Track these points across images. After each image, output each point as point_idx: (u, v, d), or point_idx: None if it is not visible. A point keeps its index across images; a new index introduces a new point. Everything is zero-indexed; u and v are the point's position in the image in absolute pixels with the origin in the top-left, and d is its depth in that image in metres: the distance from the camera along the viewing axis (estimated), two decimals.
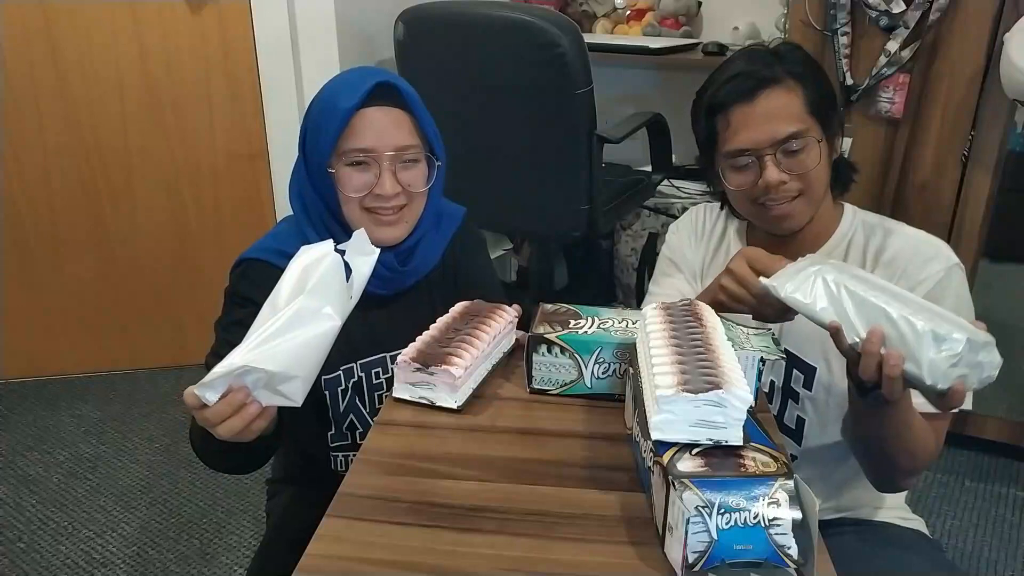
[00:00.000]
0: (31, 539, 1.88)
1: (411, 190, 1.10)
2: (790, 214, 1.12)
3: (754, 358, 0.89)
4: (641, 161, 2.48)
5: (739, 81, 1.08)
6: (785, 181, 1.08)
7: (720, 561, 0.66)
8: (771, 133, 1.07)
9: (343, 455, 1.20)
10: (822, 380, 1.15)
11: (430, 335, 0.99)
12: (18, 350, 2.50)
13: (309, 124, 1.10)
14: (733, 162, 1.11)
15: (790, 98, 1.08)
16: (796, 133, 1.07)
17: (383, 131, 1.07)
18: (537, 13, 1.96)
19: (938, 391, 0.83)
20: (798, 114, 1.08)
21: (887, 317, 0.85)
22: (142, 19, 2.25)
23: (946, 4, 1.76)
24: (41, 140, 2.31)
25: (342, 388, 1.15)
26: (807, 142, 1.08)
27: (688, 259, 1.30)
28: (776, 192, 1.09)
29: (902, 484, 1.12)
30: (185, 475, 2.10)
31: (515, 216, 2.18)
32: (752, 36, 2.58)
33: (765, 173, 1.08)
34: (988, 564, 1.83)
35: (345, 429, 1.18)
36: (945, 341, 0.81)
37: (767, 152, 1.08)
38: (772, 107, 1.07)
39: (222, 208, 2.48)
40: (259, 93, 2.36)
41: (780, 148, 1.07)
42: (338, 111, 1.05)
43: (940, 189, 1.92)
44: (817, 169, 1.09)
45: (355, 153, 1.06)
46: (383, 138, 1.07)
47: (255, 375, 0.81)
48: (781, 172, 1.08)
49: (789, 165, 1.08)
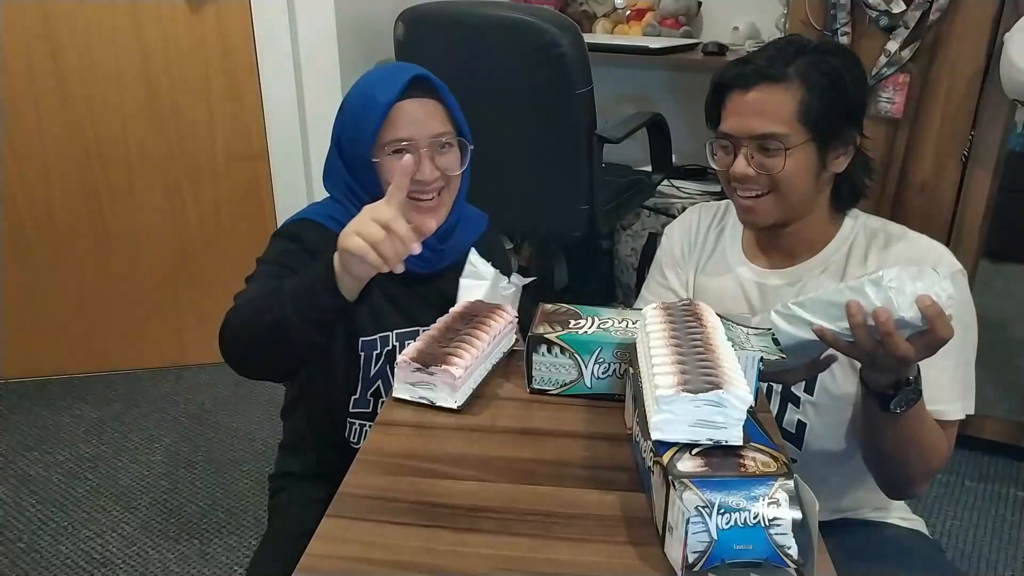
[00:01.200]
0: (31, 539, 1.88)
1: (448, 173, 1.17)
2: (753, 208, 1.14)
3: (754, 358, 0.89)
4: (641, 161, 2.48)
5: (744, 68, 1.11)
6: (751, 176, 1.11)
7: (720, 561, 0.66)
8: (750, 126, 1.09)
9: (359, 423, 1.23)
10: (825, 384, 1.15)
11: (430, 335, 0.99)
12: (18, 350, 2.50)
13: (347, 120, 1.17)
14: (719, 142, 1.15)
15: (784, 99, 1.08)
16: (772, 135, 1.08)
17: (420, 121, 1.14)
18: (537, 13, 1.96)
19: (911, 323, 0.86)
20: (785, 117, 1.08)
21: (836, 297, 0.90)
22: (142, 19, 2.25)
23: (946, 4, 1.76)
24: (41, 140, 2.31)
25: (376, 352, 1.20)
26: (779, 146, 1.08)
27: (681, 264, 1.30)
28: (741, 184, 1.12)
29: (915, 490, 1.12)
30: (185, 475, 2.10)
31: (515, 216, 2.17)
32: (752, 36, 2.58)
33: (735, 163, 1.12)
34: (988, 564, 1.83)
35: (370, 395, 1.22)
36: (882, 279, 0.87)
37: (742, 143, 1.10)
38: (762, 102, 1.09)
39: (222, 208, 2.48)
40: (259, 93, 2.36)
41: (755, 144, 1.09)
42: (377, 105, 1.11)
43: (940, 189, 1.92)
44: (787, 175, 1.09)
45: (396, 143, 1.13)
46: (421, 128, 1.14)
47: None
48: (748, 167, 1.10)
49: (760, 162, 1.10)
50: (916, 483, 1.09)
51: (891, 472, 1.08)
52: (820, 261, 1.18)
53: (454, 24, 2.05)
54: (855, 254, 1.16)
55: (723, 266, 1.26)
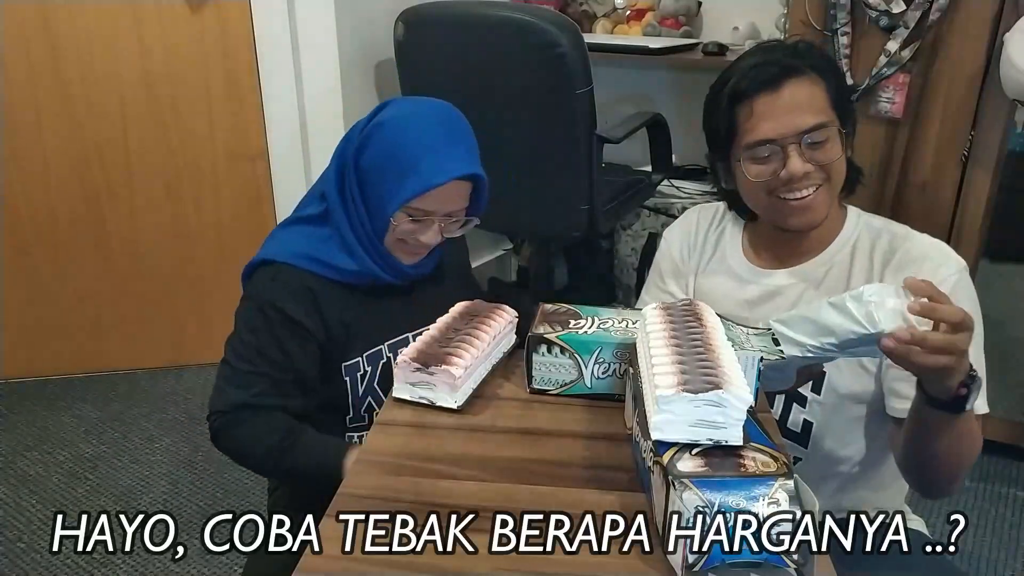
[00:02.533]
0: (31, 539, 1.88)
1: (449, 237, 1.20)
2: (811, 205, 1.10)
3: (754, 358, 0.89)
4: (641, 161, 2.48)
5: (764, 69, 1.08)
6: (809, 172, 1.08)
7: (720, 561, 0.66)
8: (796, 123, 1.06)
9: (359, 435, 1.23)
10: (832, 383, 1.14)
11: (430, 335, 0.99)
12: (18, 350, 2.50)
13: (372, 157, 1.14)
14: (754, 152, 1.10)
15: (814, 89, 1.07)
16: (821, 124, 1.07)
17: (448, 200, 1.15)
18: (537, 13, 1.96)
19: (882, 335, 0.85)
20: (822, 106, 1.07)
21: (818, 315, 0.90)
22: (142, 19, 2.25)
23: (946, 4, 1.76)
24: (41, 140, 2.31)
25: (361, 373, 1.20)
26: (830, 133, 1.07)
27: (680, 269, 1.30)
28: (798, 183, 1.08)
29: (956, 487, 1.10)
30: (185, 475, 2.10)
31: (515, 216, 2.17)
32: (752, 36, 2.58)
33: (789, 163, 1.07)
34: (988, 564, 1.83)
35: (363, 412, 1.22)
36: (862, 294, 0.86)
37: (792, 142, 1.07)
38: (798, 97, 1.07)
39: (222, 208, 2.48)
40: (259, 93, 2.36)
41: (804, 139, 1.07)
42: (421, 179, 1.10)
43: (940, 189, 1.91)
44: (839, 161, 1.09)
45: (419, 212, 1.14)
46: (444, 205, 1.15)
47: None
48: (805, 163, 1.07)
49: (812, 156, 1.07)
50: (959, 479, 1.07)
51: (938, 471, 1.05)
52: (824, 260, 1.17)
53: (454, 24, 2.05)
54: (860, 254, 1.15)
55: (724, 267, 1.26)
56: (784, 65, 1.07)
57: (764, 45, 1.16)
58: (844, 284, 1.15)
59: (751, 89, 1.08)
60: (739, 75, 1.10)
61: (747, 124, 1.09)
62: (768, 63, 1.08)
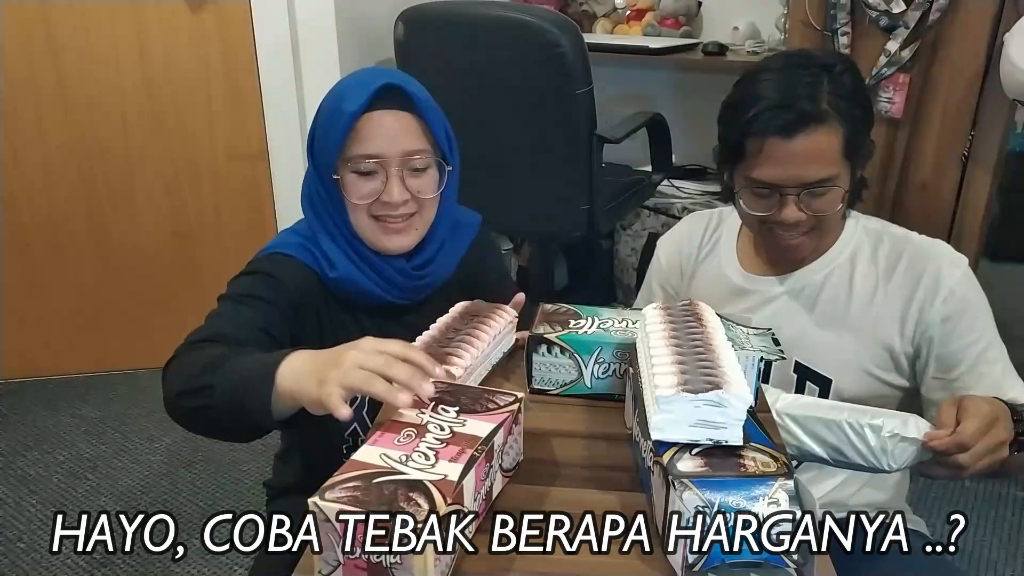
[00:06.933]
0: (31, 539, 1.88)
1: (420, 196, 1.07)
2: (798, 247, 1.12)
3: (754, 358, 0.89)
4: (641, 161, 2.48)
5: (781, 112, 1.03)
6: (801, 220, 1.07)
7: (720, 561, 0.66)
8: (801, 175, 1.04)
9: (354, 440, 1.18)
10: (838, 390, 1.15)
11: (430, 335, 0.99)
12: (18, 350, 2.50)
13: (317, 128, 1.07)
14: (753, 187, 1.09)
15: (829, 140, 1.04)
16: (825, 179, 1.05)
17: (390, 136, 1.03)
18: (537, 13, 1.96)
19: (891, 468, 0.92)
20: (833, 158, 1.05)
21: (828, 434, 0.94)
22: (142, 19, 2.25)
23: (946, 4, 1.76)
24: (41, 140, 2.31)
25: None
26: (833, 187, 1.06)
27: (671, 281, 1.31)
28: (788, 229, 1.09)
29: None
30: (185, 475, 2.10)
31: (515, 216, 2.17)
32: (752, 36, 2.58)
33: (784, 210, 1.07)
34: (988, 564, 1.83)
35: (347, 435, 1.17)
36: (881, 428, 0.91)
37: (791, 192, 1.06)
38: (809, 149, 1.03)
39: (222, 208, 2.48)
40: (259, 93, 2.36)
41: (805, 190, 1.06)
42: (343, 115, 1.01)
43: (940, 189, 1.91)
44: (835, 212, 1.08)
45: (361, 159, 1.03)
46: (390, 143, 1.03)
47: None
48: (799, 212, 1.07)
49: (810, 204, 1.07)
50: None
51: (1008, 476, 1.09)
52: (822, 266, 1.17)
53: (454, 24, 2.05)
54: (861, 259, 1.15)
55: (720, 276, 1.25)
56: (802, 112, 1.02)
57: (791, 63, 1.08)
58: (846, 290, 1.15)
59: (764, 130, 1.04)
60: (757, 107, 1.04)
61: (754, 159, 1.07)
62: (786, 107, 1.03)
